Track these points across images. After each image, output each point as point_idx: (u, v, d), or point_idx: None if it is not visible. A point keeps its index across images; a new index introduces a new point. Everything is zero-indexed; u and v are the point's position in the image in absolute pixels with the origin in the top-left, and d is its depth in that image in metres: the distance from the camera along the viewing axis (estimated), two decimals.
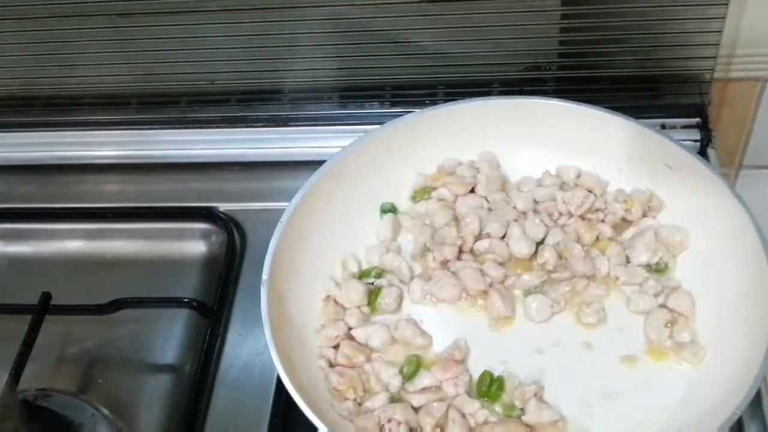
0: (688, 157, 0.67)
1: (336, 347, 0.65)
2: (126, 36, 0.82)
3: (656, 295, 0.65)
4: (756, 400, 0.64)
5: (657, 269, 0.67)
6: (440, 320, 0.67)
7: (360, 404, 0.62)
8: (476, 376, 0.63)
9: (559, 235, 0.69)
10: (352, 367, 0.64)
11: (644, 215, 0.69)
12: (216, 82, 0.85)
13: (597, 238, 0.69)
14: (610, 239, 0.69)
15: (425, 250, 0.70)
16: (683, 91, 0.81)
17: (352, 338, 0.66)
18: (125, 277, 0.81)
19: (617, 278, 0.67)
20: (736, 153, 0.87)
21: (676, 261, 0.67)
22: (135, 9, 0.79)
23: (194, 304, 0.76)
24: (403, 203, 0.73)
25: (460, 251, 0.69)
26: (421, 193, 0.73)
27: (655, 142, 0.68)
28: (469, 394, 0.62)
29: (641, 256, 0.67)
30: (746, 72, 0.81)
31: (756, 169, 0.89)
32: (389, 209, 0.72)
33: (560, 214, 0.70)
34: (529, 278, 0.67)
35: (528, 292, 0.67)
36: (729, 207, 0.64)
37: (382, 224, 0.72)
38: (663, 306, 0.65)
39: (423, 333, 0.66)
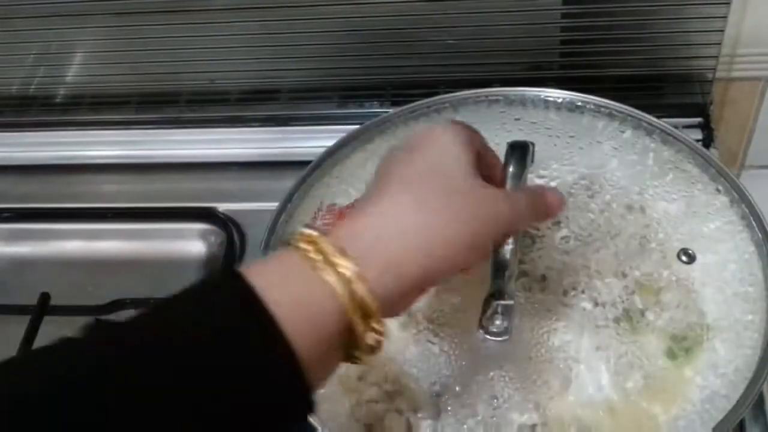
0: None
1: None
2: (125, 35, 0.82)
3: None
4: (759, 402, 0.64)
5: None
6: None
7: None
8: None
9: None
10: None
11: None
12: (215, 82, 0.85)
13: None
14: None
15: None
16: (685, 90, 0.81)
17: None
18: (124, 277, 0.81)
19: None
20: (738, 153, 0.87)
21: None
22: (134, 8, 0.79)
23: None
24: None
25: None
26: None
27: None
28: None
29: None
30: (748, 71, 0.81)
31: (758, 169, 0.88)
32: None
33: None
34: None
35: None
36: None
37: None
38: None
39: None
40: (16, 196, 0.88)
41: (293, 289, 0.39)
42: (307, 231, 0.42)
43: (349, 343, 0.41)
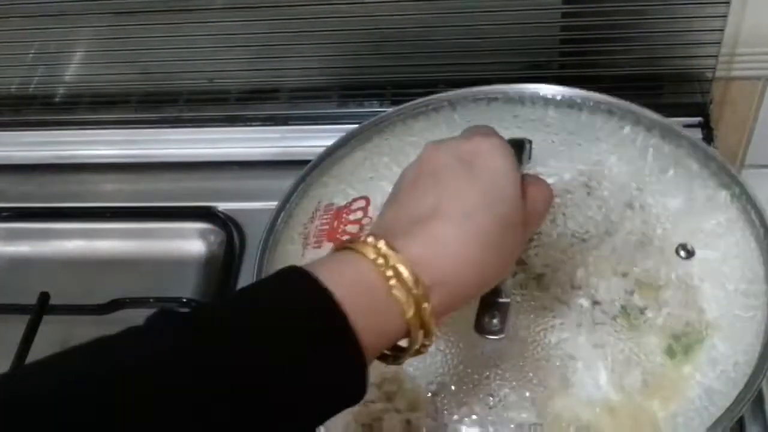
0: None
1: None
2: (124, 35, 0.82)
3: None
4: (758, 401, 0.64)
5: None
6: None
7: None
8: None
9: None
10: None
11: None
12: (215, 81, 0.85)
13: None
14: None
15: None
16: (684, 89, 0.80)
17: None
18: (124, 277, 0.81)
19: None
20: (737, 152, 0.87)
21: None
22: (133, 8, 0.79)
23: (193, 304, 0.75)
24: None
25: None
26: None
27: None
28: None
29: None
30: (748, 71, 0.81)
31: (758, 168, 0.88)
32: None
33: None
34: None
35: None
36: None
37: None
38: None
39: None
40: (15, 195, 0.88)
41: (363, 295, 0.43)
42: (380, 245, 0.44)
43: (401, 348, 0.46)
